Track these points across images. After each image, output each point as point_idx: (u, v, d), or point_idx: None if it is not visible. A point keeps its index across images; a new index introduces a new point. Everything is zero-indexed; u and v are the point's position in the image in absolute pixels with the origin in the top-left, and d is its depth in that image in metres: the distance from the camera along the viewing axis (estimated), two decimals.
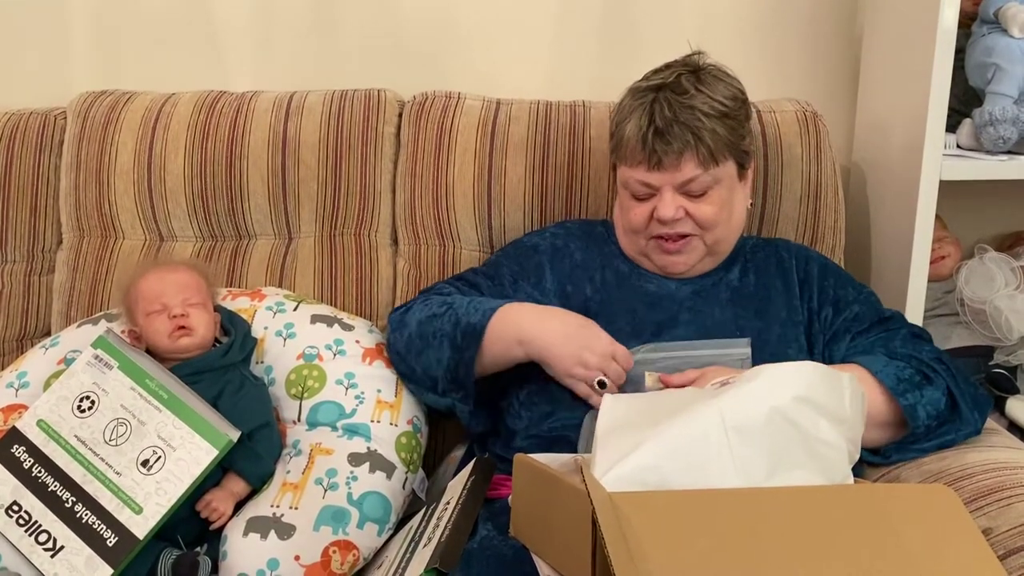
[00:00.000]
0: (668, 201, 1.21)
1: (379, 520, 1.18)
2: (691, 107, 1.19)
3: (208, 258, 1.51)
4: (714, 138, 1.19)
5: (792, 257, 1.32)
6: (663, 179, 1.21)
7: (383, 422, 1.25)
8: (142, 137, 1.51)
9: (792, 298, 1.28)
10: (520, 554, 0.93)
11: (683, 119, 1.18)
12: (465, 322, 1.20)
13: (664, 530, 0.78)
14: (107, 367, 1.19)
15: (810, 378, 0.95)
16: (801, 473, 0.90)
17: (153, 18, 1.70)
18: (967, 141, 1.50)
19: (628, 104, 1.25)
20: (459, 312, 1.22)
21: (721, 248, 1.28)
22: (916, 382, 1.15)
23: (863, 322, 1.26)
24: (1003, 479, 1.07)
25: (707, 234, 1.24)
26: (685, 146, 1.18)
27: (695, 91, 1.20)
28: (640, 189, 1.23)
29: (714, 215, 1.23)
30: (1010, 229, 1.78)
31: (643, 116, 1.20)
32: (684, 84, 1.21)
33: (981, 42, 1.47)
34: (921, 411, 1.14)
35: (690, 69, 1.24)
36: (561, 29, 1.70)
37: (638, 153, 1.21)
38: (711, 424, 0.89)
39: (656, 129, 1.19)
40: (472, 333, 1.19)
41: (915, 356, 1.18)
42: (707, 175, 1.20)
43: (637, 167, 1.22)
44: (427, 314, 1.25)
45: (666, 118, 1.19)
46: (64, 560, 1.10)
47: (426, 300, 1.30)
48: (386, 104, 1.53)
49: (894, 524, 0.82)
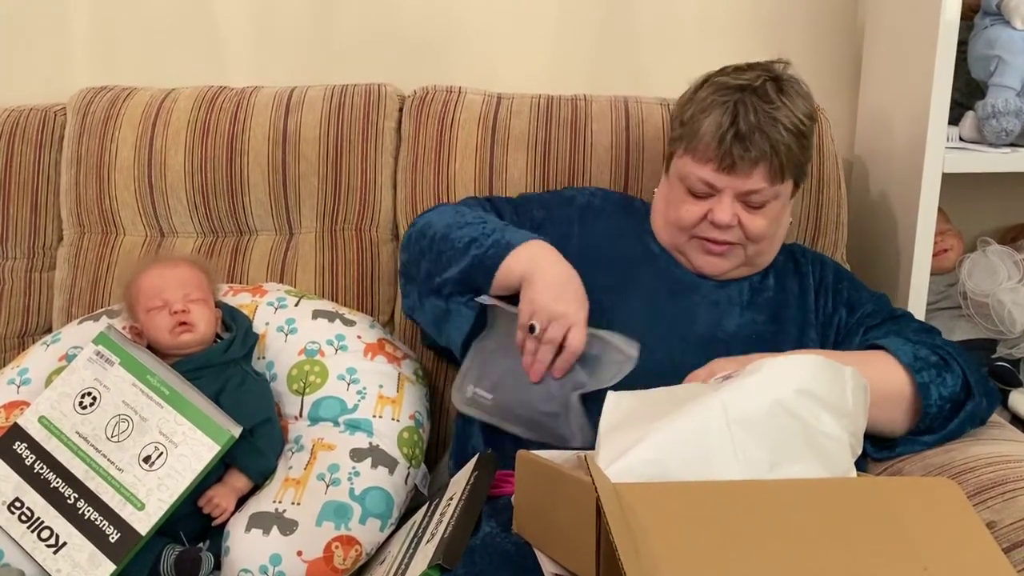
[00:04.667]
0: (727, 206, 1.19)
1: (381, 515, 1.18)
2: (775, 119, 1.16)
3: (209, 254, 1.51)
4: (788, 154, 1.18)
5: (808, 262, 1.32)
6: (729, 183, 1.18)
7: (385, 417, 1.25)
8: (142, 133, 1.51)
9: (807, 302, 1.27)
10: (523, 550, 0.93)
11: (766, 129, 1.16)
12: (495, 238, 1.18)
13: (668, 521, 0.78)
14: (108, 363, 1.19)
15: (812, 371, 0.95)
16: (803, 466, 0.90)
17: (153, 14, 1.69)
18: (970, 134, 1.49)
19: (708, 97, 1.20)
20: (492, 228, 1.20)
21: (759, 261, 1.27)
22: (933, 362, 1.15)
23: (875, 318, 1.26)
24: (1006, 472, 1.07)
25: (751, 246, 1.23)
26: (761, 156, 1.16)
27: (779, 102, 1.18)
28: (700, 187, 1.20)
29: (765, 229, 1.21)
30: (1013, 222, 1.78)
31: (725, 115, 1.17)
32: (769, 92, 1.18)
33: (984, 34, 1.46)
34: (934, 391, 1.13)
35: (772, 76, 1.21)
36: (562, 23, 1.70)
37: (711, 151, 1.17)
38: (713, 417, 0.90)
39: (738, 132, 1.16)
40: (503, 246, 1.16)
41: (928, 342, 1.18)
42: (770, 189, 1.19)
43: (705, 165, 1.19)
44: (458, 220, 1.23)
45: (750, 124, 1.16)
46: (67, 556, 1.10)
47: (458, 209, 1.28)
48: (387, 99, 1.53)
49: (897, 516, 0.82)
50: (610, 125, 1.49)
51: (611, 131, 1.49)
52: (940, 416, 1.15)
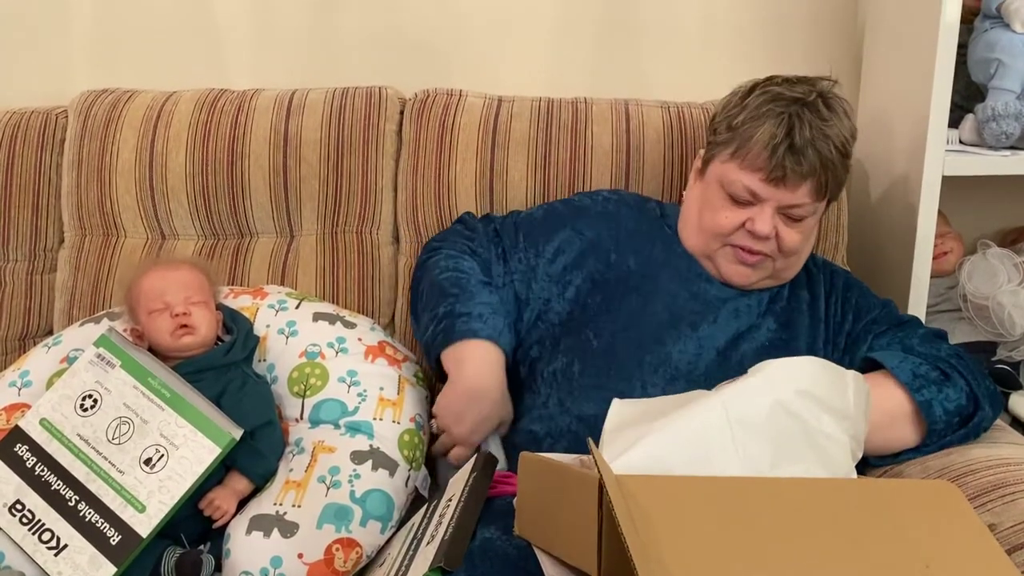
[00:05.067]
0: (768, 218, 1.19)
1: (382, 518, 1.18)
2: (827, 136, 1.17)
3: (210, 256, 1.51)
4: (834, 172, 1.19)
5: (819, 271, 1.32)
6: (774, 195, 1.18)
7: (386, 420, 1.25)
8: (143, 135, 1.51)
9: (818, 310, 1.27)
10: (523, 553, 0.93)
11: (818, 144, 1.16)
12: (445, 325, 1.24)
13: (670, 510, 0.79)
14: (109, 366, 1.19)
15: (813, 373, 0.95)
16: (804, 466, 0.91)
17: (154, 16, 1.70)
18: (970, 136, 1.49)
19: (761, 105, 1.19)
20: (449, 307, 1.25)
21: (785, 275, 1.27)
22: (933, 378, 1.15)
23: (881, 324, 1.26)
24: (1006, 475, 1.07)
25: (781, 259, 1.23)
26: (811, 172, 1.16)
27: (832, 119, 1.18)
28: (744, 195, 1.20)
29: (799, 244, 1.22)
30: (1013, 224, 1.78)
31: (780, 126, 1.16)
32: (821, 108, 1.18)
33: (984, 37, 1.46)
34: (938, 407, 1.13)
35: (820, 92, 1.20)
36: (563, 26, 1.70)
37: (761, 160, 1.17)
38: (714, 416, 0.90)
39: (792, 145, 1.15)
40: (445, 336, 1.23)
41: (933, 354, 1.18)
42: (812, 205, 1.19)
43: (754, 173, 1.18)
44: (441, 277, 1.30)
45: (804, 138, 1.16)
46: (67, 559, 1.10)
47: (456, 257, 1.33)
48: (388, 101, 1.53)
49: (898, 516, 0.82)
50: (610, 128, 1.49)
51: (611, 134, 1.49)
52: (948, 430, 1.16)
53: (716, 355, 1.20)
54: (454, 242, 1.37)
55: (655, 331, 1.20)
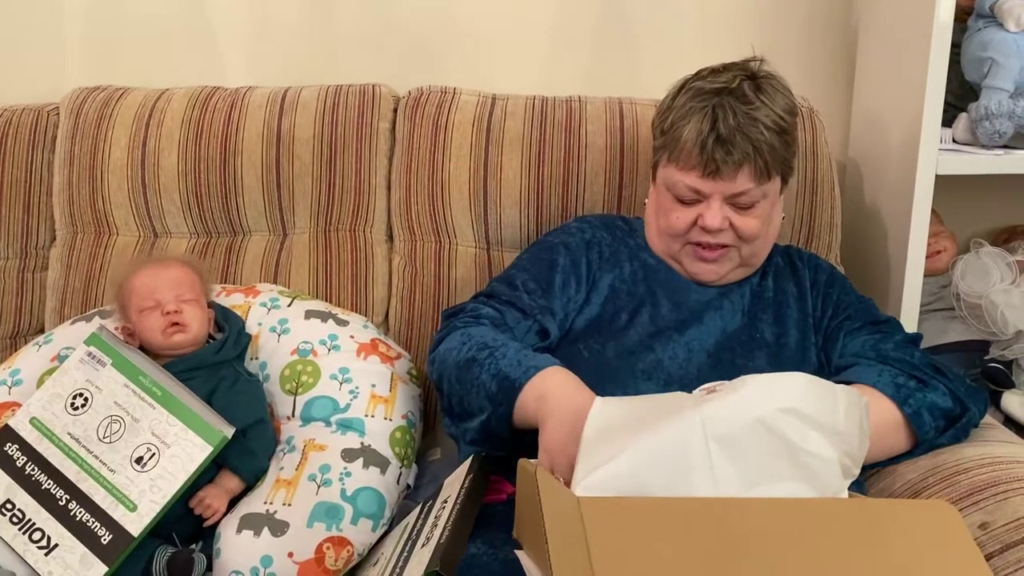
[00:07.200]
0: (716, 211, 1.19)
1: (373, 516, 1.17)
2: (754, 119, 1.16)
3: (202, 254, 1.51)
4: (772, 153, 1.18)
5: (805, 265, 1.32)
6: (715, 188, 1.18)
7: (377, 416, 1.25)
8: (135, 133, 1.51)
9: (805, 303, 1.28)
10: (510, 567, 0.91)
11: (746, 130, 1.16)
12: (500, 381, 1.09)
13: (627, 537, 0.76)
14: (100, 364, 1.19)
15: (799, 389, 0.91)
16: (788, 485, 0.88)
17: (146, 13, 1.69)
18: (963, 136, 1.49)
19: (686, 104, 1.20)
20: (501, 362, 1.11)
21: (754, 261, 1.27)
22: (913, 387, 1.15)
23: (856, 321, 1.25)
24: (999, 474, 1.07)
25: (745, 246, 1.23)
26: (745, 158, 1.16)
27: (758, 101, 1.18)
28: (688, 194, 1.20)
29: (757, 229, 1.21)
30: (1005, 223, 1.78)
31: (704, 120, 1.17)
32: (747, 92, 1.18)
33: (977, 36, 1.46)
34: (926, 414, 1.14)
35: (748, 75, 1.20)
36: (557, 24, 1.70)
37: (694, 158, 1.17)
38: (692, 434, 0.87)
39: (719, 137, 1.16)
40: (509, 387, 1.08)
41: (907, 360, 1.18)
42: (758, 189, 1.19)
43: (690, 172, 1.19)
44: (466, 356, 1.14)
45: (730, 127, 1.15)
46: (58, 558, 1.10)
47: (465, 334, 1.18)
48: (381, 99, 1.53)
49: (885, 539, 0.79)
50: (604, 126, 1.49)
51: (605, 132, 1.49)
52: (938, 434, 1.16)
53: (707, 357, 1.20)
54: (451, 329, 1.23)
55: (644, 340, 1.20)
